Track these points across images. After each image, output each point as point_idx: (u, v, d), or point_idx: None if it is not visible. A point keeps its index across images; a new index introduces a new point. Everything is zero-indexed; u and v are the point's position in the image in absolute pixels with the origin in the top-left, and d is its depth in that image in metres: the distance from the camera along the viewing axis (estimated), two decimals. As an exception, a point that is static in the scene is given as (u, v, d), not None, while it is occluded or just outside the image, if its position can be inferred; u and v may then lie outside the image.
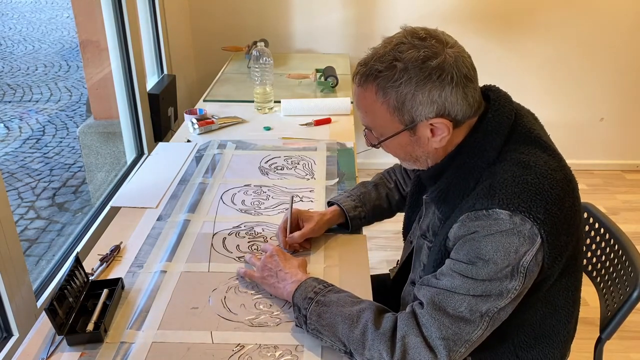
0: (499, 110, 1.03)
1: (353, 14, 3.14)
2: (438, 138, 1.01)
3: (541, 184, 0.95)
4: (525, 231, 0.92)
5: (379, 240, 2.72)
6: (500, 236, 0.92)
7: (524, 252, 0.92)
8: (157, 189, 1.62)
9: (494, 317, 0.96)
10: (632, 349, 2.11)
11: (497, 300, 0.94)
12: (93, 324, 1.07)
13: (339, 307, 1.03)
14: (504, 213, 0.92)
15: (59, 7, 9.31)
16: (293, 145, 1.90)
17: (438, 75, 0.94)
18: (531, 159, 0.99)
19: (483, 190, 0.96)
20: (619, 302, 1.23)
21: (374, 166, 3.51)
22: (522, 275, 0.94)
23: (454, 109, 0.98)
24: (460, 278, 0.95)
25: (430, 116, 0.98)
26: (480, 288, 0.94)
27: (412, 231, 1.28)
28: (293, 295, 1.08)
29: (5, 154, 3.96)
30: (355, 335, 0.99)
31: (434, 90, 0.95)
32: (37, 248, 2.89)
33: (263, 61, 2.18)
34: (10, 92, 5.32)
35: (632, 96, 3.31)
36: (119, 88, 2.31)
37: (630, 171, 3.47)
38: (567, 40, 3.17)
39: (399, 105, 0.98)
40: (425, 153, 1.05)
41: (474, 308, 0.94)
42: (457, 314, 0.94)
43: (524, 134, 1.03)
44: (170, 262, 1.28)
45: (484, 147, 1.00)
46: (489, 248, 0.93)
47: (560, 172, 1.00)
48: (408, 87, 0.96)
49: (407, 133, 1.02)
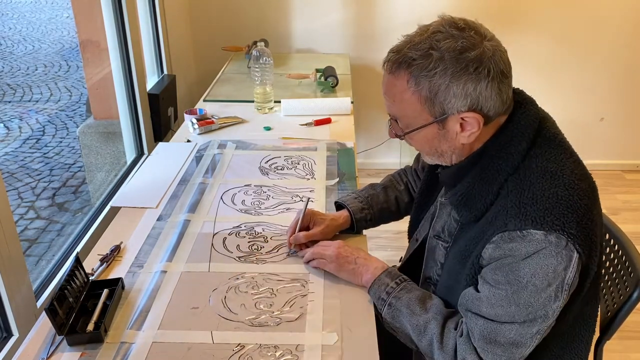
0: (525, 113, 1.00)
1: (353, 14, 3.14)
2: (467, 133, 0.97)
3: (571, 196, 0.92)
4: (562, 249, 0.90)
5: (379, 240, 2.72)
6: (537, 258, 0.90)
7: (563, 269, 0.91)
8: (157, 189, 1.62)
9: (543, 334, 0.97)
10: (632, 349, 2.11)
11: (544, 322, 0.95)
12: (93, 324, 1.07)
13: (408, 315, 1.07)
14: (539, 233, 0.90)
15: (59, 7, 9.31)
16: (293, 145, 1.90)
17: (475, 67, 0.92)
18: (558, 167, 0.96)
19: (513, 207, 0.93)
20: (619, 302, 1.23)
21: (374, 166, 3.52)
22: (565, 292, 0.94)
23: (487, 105, 0.94)
24: (500, 307, 0.94)
25: (463, 110, 0.94)
26: (523, 313, 0.94)
27: (418, 229, 1.28)
28: (369, 289, 1.15)
29: (5, 154, 3.96)
30: (424, 345, 1.05)
31: (470, 83, 0.92)
32: (37, 248, 2.89)
33: (263, 61, 2.18)
34: (10, 92, 5.32)
35: (632, 96, 3.31)
36: (119, 88, 2.31)
37: (630, 171, 3.47)
38: (567, 40, 3.17)
39: (431, 96, 0.94)
40: (452, 148, 1.02)
41: (523, 332, 0.95)
42: (508, 340, 0.96)
43: (549, 138, 1.01)
44: (170, 262, 1.28)
45: (509, 151, 0.98)
46: (526, 271, 0.91)
47: (586, 180, 0.98)
48: (443, 78, 0.92)
49: (435, 126, 0.98)
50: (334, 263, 1.21)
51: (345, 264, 1.20)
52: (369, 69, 3.21)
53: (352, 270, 1.19)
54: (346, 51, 3.13)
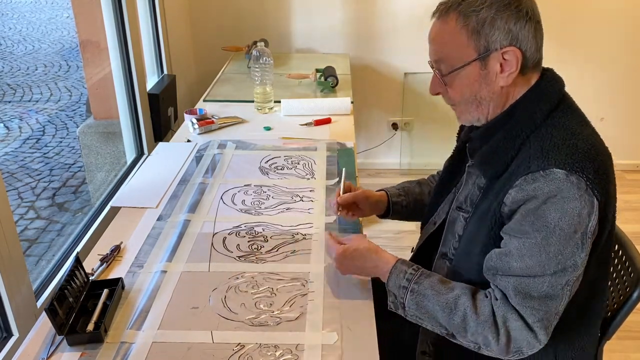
0: (552, 80, 1.09)
1: (353, 14, 3.14)
2: (506, 74, 1.03)
3: (589, 150, 0.99)
4: (583, 192, 0.95)
5: (379, 240, 2.71)
6: (561, 201, 0.95)
7: (587, 214, 0.95)
8: (157, 189, 1.62)
9: (573, 285, 0.99)
10: (632, 349, 2.11)
11: (574, 271, 0.97)
12: (93, 324, 1.07)
13: (434, 296, 1.06)
14: (561, 172, 0.95)
15: (59, 7, 9.31)
16: (293, 145, 1.90)
17: (516, 5, 1.01)
18: (577, 128, 1.03)
19: (536, 152, 0.99)
20: (619, 302, 1.23)
21: (374, 166, 3.52)
22: (589, 240, 0.97)
23: (525, 44, 1.02)
24: (530, 258, 0.97)
25: (504, 44, 1.01)
26: (553, 263, 0.96)
27: (437, 212, 1.30)
28: (387, 281, 1.11)
29: (5, 154, 3.96)
30: (456, 322, 1.03)
31: (511, 18, 1.01)
32: (37, 248, 2.89)
33: (263, 61, 2.18)
34: (10, 92, 5.32)
35: (632, 96, 3.31)
36: (119, 88, 2.31)
37: (630, 171, 3.47)
38: (566, 40, 3.17)
39: (478, 28, 1.02)
40: (490, 94, 1.07)
41: (555, 284, 0.97)
42: (542, 294, 0.98)
43: (571, 107, 1.09)
44: (170, 262, 1.28)
45: (534, 111, 1.04)
46: (553, 215, 0.95)
47: (600, 142, 1.06)
48: (488, 12, 1.01)
49: (477, 65, 1.04)
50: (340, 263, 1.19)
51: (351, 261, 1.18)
52: (369, 69, 3.21)
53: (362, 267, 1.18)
54: (346, 51, 3.13)
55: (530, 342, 0.99)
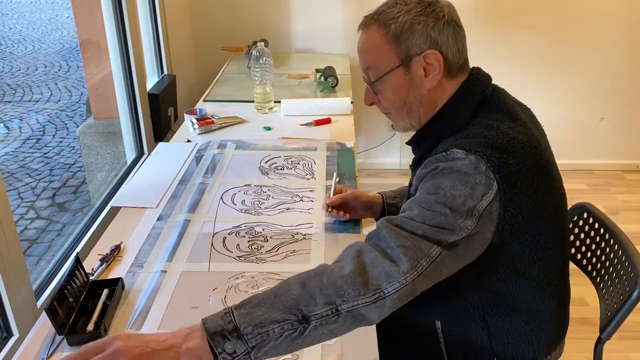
0: (476, 79, 1.11)
1: (353, 13, 3.14)
2: (430, 77, 1.07)
3: (498, 138, 1.01)
4: (482, 173, 0.96)
5: (379, 240, 2.72)
6: (458, 174, 0.97)
7: (481, 194, 0.96)
8: (157, 189, 1.62)
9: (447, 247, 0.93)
10: (632, 349, 2.11)
11: (450, 234, 0.95)
12: (93, 324, 1.07)
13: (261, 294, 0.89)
14: (460, 152, 0.99)
15: (59, 7, 9.31)
16: (293, 145, 1.90)
17: (432, 9, 1.05)
18: (495, 123, 1.05)
19: (445, 142, 1.05)
20: (619, 302, 1.23)
21: (374, 166, 3.52)
22: (475, 217, 0.96)
23: (445, 47, 1.06)
24: (417, 209, 0.98)
25: (424, 48, 1.05)
26: (435, 219, 0.95)
27: None
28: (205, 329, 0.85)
29: (5, 154, 3.97)
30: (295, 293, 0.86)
31: (429, 23, 1.05)
32: (37, 248, 2.89)
33: (263, 61, 2.18)
34: (10, 92, 5.32)
35: (632, 96, 3.31)
36: (119, 88, 2.31)
37: (630, 171, 3.47)
38: (566, 40, 3.17)
39: (397, 34, 1.06)
40: (418, 98, 1.10)
41: (428, 234, 0.94)
42: (413, 233, 0.93)
43: (496, 105, 1.10)
44: (170, 262, 1.28)
45: (458, 112, 1.09)
46: (447, 182, 0.98)
47: (524, 136, 1.04)
48: (406, 17, 1.05)
49: (402, 71, 1.08)
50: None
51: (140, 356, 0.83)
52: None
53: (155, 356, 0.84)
54: (346, 51, 3.13)
55: (389, 270, 0.87)
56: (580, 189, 3.21)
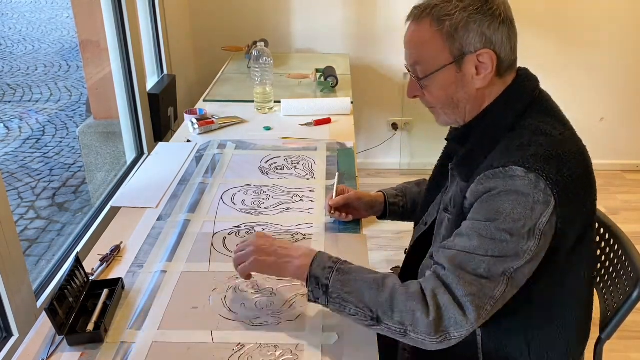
0: (526, 80, 1.10)
1: (353, 13, 3.14)
2: (482, 76, 1.04)
3: (554, 149, 0.99)
4: (541, 192, 0.95)
5: (379, 240, 2.72)
6: (517, 195, 0.95)
7: (540, 213, 0.95)
8: (157, 189, 1.62)
9: (512, 277, 0.97)
10: (632, 349, 2.11)
11: (514, 261, 0.96)
12: (93, 324, 1.07)
13: (361, 274, 1.03)
14: (520, 170, 0.96)
15: (59, 7, 9.31)
16: (293, 145, 1.90)
17: (489, 7, 1.02)
18: (547, 128, 1.03)
19: (501, 151, 1.01)
20: (619, 302, 1.23)
21: (374, 166, 3.52)
22: (537, 237, 0.96)
23: (499, 46, 1.03)
24: (478, 238, 0.97)
25: (479, 47, 1.03)
26: (497, 248, 0.96)
27: (428, 212, 1.30)
28: (310, 267, 1.04)
29: (5, 154, 3.97)
30: (384, 298, 0.98)
31: (485, 21, 1.02)
32: (37, 248, 2.89)
33: (263, 61, 2.18)
34: (10, 92, 5.32)
35: (632, 96, 3.31)
36: (119, 88, 2.31)
37: (630, 171, 3.47)
38: (566, 40, 3.17)
39: (452, 32, 1.02)
40: (467, 96, 1.07)
41: (493, 268, 0.96)
42: (478, 273, 0.96)
43: (545, 107, 1.09)
44: (170, 262, 1.28)
45: (507, 112, 1.06)
46: (506, 205, 0.96)
47: (574, 144, 1.05)
48: (462, 14, 1.02)
49: (453, 68, 1.05)
50: (253, 261, 1.09)
51: (265, 258, 1.09)
52: (369, 69, 3.21)
53: (274, 264, 1.08)
54: (346, 51, 3.13)
55: (458, 319, 0.94)
56: (580, 189, 3.20)
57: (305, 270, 1.04)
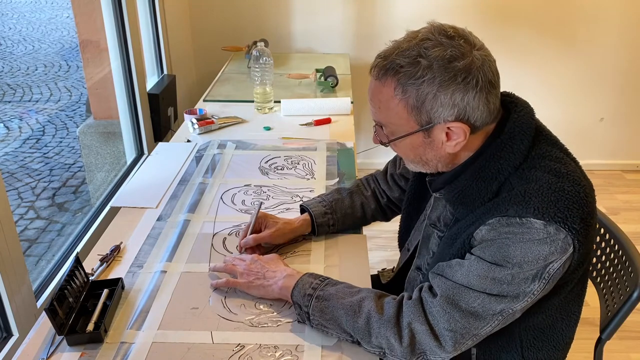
0: (522, 112, 0.99)
1: (353, 13, 3.14)
2: (453, 143, 0.97)
3: (577, 192, 0.93)
4: (559, 241, 0.90)
5: (379, 240, 2.72)
6: (531, 244, 0.90)
7: (552, 260, 0.91)
8: (157, 189, 1.62)
9: (506, 317, 0.95)
10: (632, 349, 2.11)
11: (513, 302, 0.93)
12: (93, 324, 1.07)
13: (339, 300, 1.03)
14: (538, 223, 0.89)
15: (59, 7, 9.30)
16: (293, 145, 1.90)
17: (463, 77, 0.90)
18: (562, 166, 0.96)
19: (517, 196, 0.92)
20: (619, 302, 1.23)
21: (374, 166, 3.50)
22: (544, 281, 0.92)
23: (474, 115, 0.94)
24: (478, 276, 0.93)
25: (449, 119, 0.93)
26: (497, 288, 0.92)
27: (410, 239, 1.28)
28: (291, 293, 1.08)
29: (5, 154, 3.96)
30: (360, 325, 1.00)
31: (457, 93, 0.91)
32: (37, 248, 2.89)
33: (263, 61, 2.18)
34: (10, 92, 5.32)
35: (632, 96, 3.31)
36: (119, 88, 2.31)
37: (630, 171, 3.47)
38: (566, 40, 3.17)
39: (418, 105, 0.93)
40: (437, 157, 1.01)
41: (487, 306, 0.93)
42: (470, 309, 0.94)
43: (549, 138, 1.02)
44: (170, 262, 1.28)
45: (511, 150, 0.96)
46: (517, 253, 0.90)
47: (587, 180, 0.99)
48: (430, 87, 0.91)
49: (421, 134, 0.98)
50: (244, 279, 1.16)
51: (254, 280, 1.15)
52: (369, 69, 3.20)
53: (261, 286, 1.13)
54: (346, 51, 3.13)
55: (433, 349, 0.96)
56: (580, 189, 3.20)
57: (288, 292, 1.09)
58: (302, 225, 1.33)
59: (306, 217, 1.34)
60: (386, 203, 1.41)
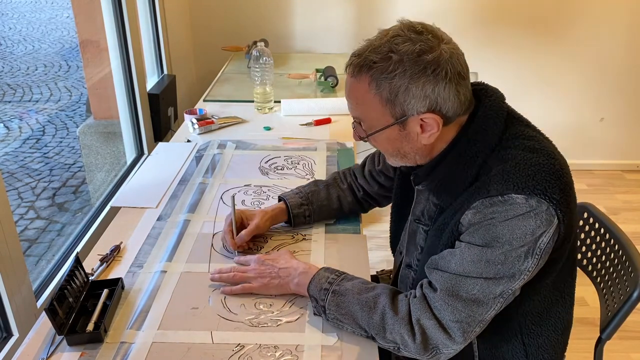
0: (493, 98, 1.04)
1: (353, 13, 3.14)
2: (427, 134, 1.01)
3: (553, 165, 0.97)
4: (542, 213, 0.93)
5: (379, 240, 2.71)
6: (517, 220, 0.93)
7: (540, 233, 0.94)
8: (157, 189, 1.62)
9: (507, 298, 0.98)
10: (632, 349, 2.11)
11: (510, 282, 0.96)
12: (93, 324, 1.07)
13: (354, 295, 1.06)
14: (520, 197, 0.93)
15: (59, 7, 9.30)
16: (293, 145, 1.90)
17: (433, 69, 0.94)
18: (535, 143, 1.00)
19: (496, 175, 0.96)
20: (619, 302, 1.23)
21: (374, 166, 3.52)
22: (537, 256, 0.95)
23: (445, 105, 0.98)
24: (472, 262, 0.96)
25: (422, 111, 0.98)
26: (492, 271, 0.95)
27: (401, 241, 1.29)
28: (308, 287, 1.10)
29: (5, 154, 3.96)
30: (375, 321, 1.02)
31: (428, 84, 0.95)
32: (37, 248, 2.89)
33: (263, 61, 2.18)
34: (10, 92, 5.32)
35: (632, 96, 3.31)
36: (119, 88, 2.31)
37: (630, 171, 3.47)
38: (566, 40, 3.17)
39: (391, 98, 0.98)
40: (414, 149, 1.05)
41: (487, 291, 0.96)
42: (470, 297, 0.97)
43: (520, 119, 1.06)
44: (170, 262, 1.28)
45: (485, 132, 1.01)
46: (505, 231, 0.94)
47: (560, 155, 1.03)
48: (402, 80, 0.95)
49: (396, 127, 1.02)
50: (257, 283, 1.17)
51: (270, 281, 1.16)
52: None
53: (278, 285, 1.16)
54: (346, 51, 3.12)
55: (444, 341, 0.99)
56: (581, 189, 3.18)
57: (304, 288, 1.11)
58: (278, 213, 1.37)
59: (281, 205, 1.38)
60: (362, 196, 1.43)
